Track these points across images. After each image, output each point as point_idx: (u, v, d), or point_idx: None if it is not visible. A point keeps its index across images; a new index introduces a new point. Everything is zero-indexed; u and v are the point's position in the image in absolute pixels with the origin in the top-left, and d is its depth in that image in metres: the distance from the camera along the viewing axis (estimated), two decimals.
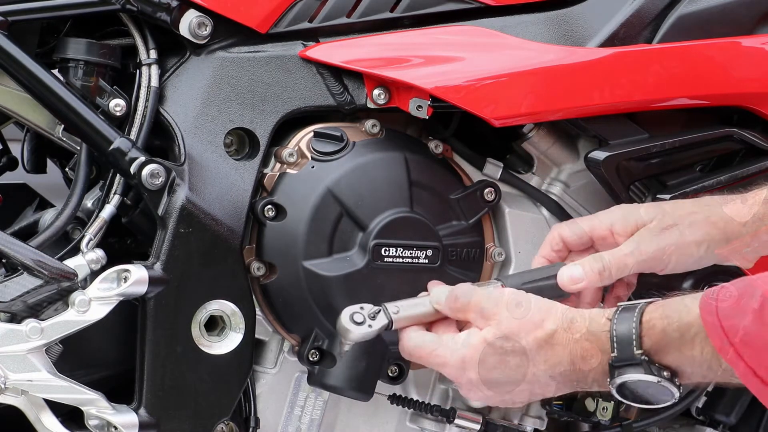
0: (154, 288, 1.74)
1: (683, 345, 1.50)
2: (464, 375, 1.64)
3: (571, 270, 1.73)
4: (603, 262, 1.72)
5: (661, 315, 1.53)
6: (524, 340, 1.60)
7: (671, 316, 1.52)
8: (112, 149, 1.75)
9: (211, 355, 1.80)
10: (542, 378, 1.60)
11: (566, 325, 1.59)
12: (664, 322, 1.52)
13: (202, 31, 1.80)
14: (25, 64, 1.73)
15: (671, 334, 1.51)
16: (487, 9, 1.90)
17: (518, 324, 1.61)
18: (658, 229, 1.72)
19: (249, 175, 1.81)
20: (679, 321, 1.51)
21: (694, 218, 1.72)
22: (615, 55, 1.87)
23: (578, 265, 1.73)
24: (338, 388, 1.83)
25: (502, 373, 1.62)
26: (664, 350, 1.52)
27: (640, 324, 1.53)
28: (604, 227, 1.77)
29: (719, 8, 1.91)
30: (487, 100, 1.84)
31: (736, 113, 1.96)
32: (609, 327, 1.55)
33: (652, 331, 1.52)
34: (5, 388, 1.69)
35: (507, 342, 1.61)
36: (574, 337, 1.58)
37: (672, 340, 1.51)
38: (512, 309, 1.62)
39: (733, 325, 1.44)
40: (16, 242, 1.70)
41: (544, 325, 1.60)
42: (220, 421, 1.82)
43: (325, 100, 1.85)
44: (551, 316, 1.61)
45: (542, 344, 1.59)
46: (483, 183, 1.92)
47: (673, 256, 1.71)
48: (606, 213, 1.80)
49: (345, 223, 1.82)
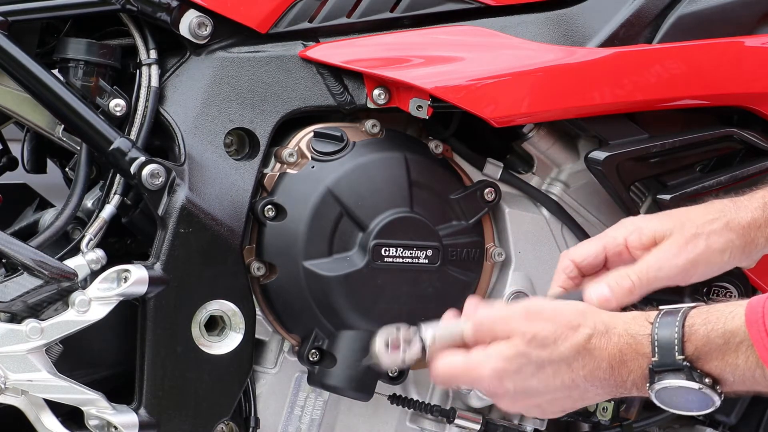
0: (154, 288, 1.74)
1: (727, 352, 1.46)
2: (502, 386, 1.58)
3: (598, 290, 1.65)
4: (632, 279, 1.65)
5: (704, 320, 1.48)
6: (561, 346, 1.54)
7: (715, 321, 1.47)
8: (112, 149, 1.75)
9: (211, 355, 1.80)
10: (581, 384, 1.54)
11: (603, 329, 1.53)
12: (707, 327, 1.47)
13: (202, 31, 1.80)
14: (25, 64, 1.73)
15: (715, 341, 1.46)
16: (487, 9, 1.89)
17: (553, 330, 1.54)
18: (683, 240, 1.66)
19: (249, 175, 1.81)
20: (724, 327, 1.46)
21: (715, 226, 1.67)
22: (615, 55, 1.87)
23: (603, 284, 1.65)
24: (338, 388, 1.83)
25: (540, 382, 1.56)
26: (706, 357, 1.47)
27: (683, 329, 1.48)
28: (618, 243, 1.70)
29: (719, 8, 1.91)
30: (487, 100, 1.84)
31: (736, 113, 1.96)
32: (650, 330, 1.50)
33: (694, 336, 1.47)
34: (5, 388, 1.69)
35: (543, 350, 1.54)
36: (612, 341, 1.52)
37: (715, 347, 1.46)
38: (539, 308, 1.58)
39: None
40: (16, 242, 1.70)
41: (580, 329, 1.54)
42: (220, 421, 1.82)
43: (325, 100, 1.85)
44: (587, 319, 1.55)
45: (580, 350, 1.53)
46: (483, 183, 1.92)
47: (700, 266, 1.66)
48: (616, 228, 1.73)
49: (345, 223, 1.82)
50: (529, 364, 1.55)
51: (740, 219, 1.67)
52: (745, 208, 1.68)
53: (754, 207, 1.68)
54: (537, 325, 1.55)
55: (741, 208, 1.68)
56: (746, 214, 1.67)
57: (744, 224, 1.67)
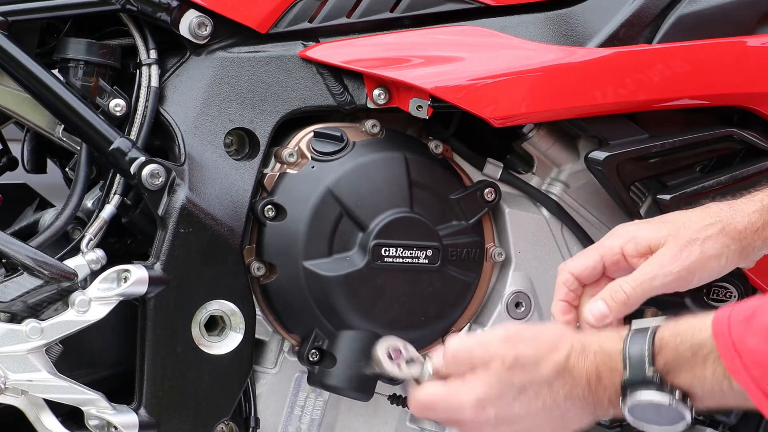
0: (154, 288, 1.74)
1: (695, 365, 1.46)
2: (484, 414, 1.56)
3: (594, 307, 1.66)
4: (625, 291, 1.66)
5: (673, 333, 1.49)
6: (543, 368, 1.54)
7: (683, 334, 1.47)
8: (112, 149, 1.75)
9: (211, 355, 1.80)
10: (561, 404, 1.54)
11: (579, 348, 1.54)
12: (676, 340, 1.48)
13: (202, 31, 1.80)
14: (25, 64, 1.73)
15: (683, 353, 1.47)
16: (487, 9, 1.89)
17: (534, 352, 1.55)
18: (677, 247, 1.66)
19: (249, 175, 1.81)
20: (692, 340, 1.47)
21: (710, 231, 1.67)
22: (615, 55, 1.87)
23: (599, 300, 1.67)
24: (338, 388, 1.83)
25: (522, 405, 1.55)
26: (676, 370, 1.48)
27: (653, 343, 1.49)
28: (615, 252, 1.70)
29: (719, 8, 1.91)
30: (487, 100, 1.84)
31: (736, 113, 1.96)
32: (622, 346, 1.51)
33: (664, 350, 1.48)
34: (5, 388, 1.69)
35: (525, 373, 1.54)
36: (589, 359, 1.53)
37: (684, 360, 1.47)
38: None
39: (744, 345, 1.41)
40: (16, 242, 1.70)
41: (559, 350, 1.54)
42: (220, 421, 1.82)
43: (325, 100, 1.85)
44: (565, 339, 1.55)
45: (560, 370, 1.53)
46: (483, 183, 1.92)
47: (696, 272, 1.66)
48: (611, 237, 1.73)
49: (345, 223, 1.82)
50: (511, 387, 1.55)
51: (737, 223, 1.67)
52: (742, 212, 1.68)
53: (751, 210, 1.68)
54: (518, 348, 1.55)
55: (738, 212, 1.68)
56: (743, 218, 1.67)
57: (740, 228, 1.67)
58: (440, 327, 1.91)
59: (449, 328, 1.92)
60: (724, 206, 1.70)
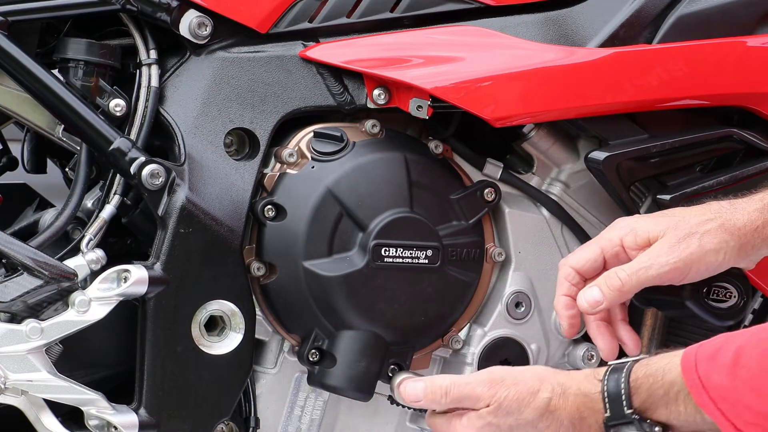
0: (154, 288, 1.74)
1: (669, 402, 1.53)
2: None
3: (588, 293, 1.71)
4: (620, 278, 1.69)
5: (645, 374, 1.55)
6: (525, 412, 1.63)
7: (655, 374, 1.54)
8: (112, 149, 1.75)
9: (211, 355, 1.80)
10: None
11: (560, 391, 1.62)
12: (649, 380, 1.54)
13: (202, 31, 1.80)
14: (25, 64, 1.73)
15: (656, 392, 1.53)
16: (487, 9, 1.89)
17: (516, 397, 1.63)
18: (675, 239, 1.69)
19: (249, 175, 1.81)
20: (663, 380, 1.53)
21: (709, 226, 1.70)
22: (615, 56, 1.87)
23: (594, 286, 1.71)
24: (338, 388, 1.83)
25: None
26: (652, 408, 1.54)
27: (629, 384, 1.55)
28: (615, 244, 1.74)
29: (719, 8, 1.91)
30: (487, 100, 1.84)
31: (736, 113, 1.96)
32: (600, 388, 1.58)
33: (639, 390, 1.55)
34: (5, 388, 1.69)
35: (509, 417, 1.63)
36: (570, 401, 1.60)
37: (658, 398, 1.53)
38: None
39: (710, 381, 1.47)
40: (16, 242, 1.70)
41: (540, 394, 1.62)
42: (220, 421, 1.82)
43: (325, 100, 1.85)
44: (545, 383, 1.63)
45: (543, 413, 1.62)
46: (483, 183, 1.92)
47: (693, 265, 1.69)
48: (611, 230, 1.77)
49: (345, 223, 1.82)
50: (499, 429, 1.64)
51: (736, 220, 1.69)
52: (742, 210, 1.69)
53: (751, 209, 1.69)
54: (500, 393, 1.64)
55: (738, 210, 1.69)
56: (743, 215, 1.69)
57: (740, 225, 1.68)
58: (440, 327, 1.91)
59: (449, 328, 1.92)
60: (724, 203, 1.72)
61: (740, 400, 1.43)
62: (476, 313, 1.95)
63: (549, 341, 1.97)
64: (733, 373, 1.43)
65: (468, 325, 1.94)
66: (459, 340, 1.93)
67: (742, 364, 1.43)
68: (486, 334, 1.93)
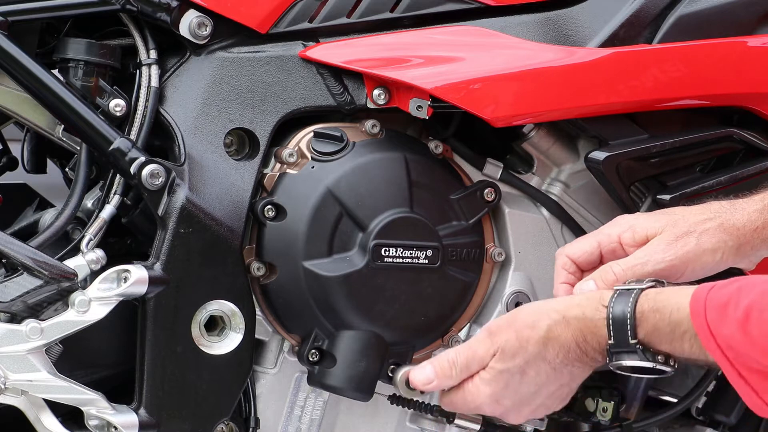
0: (154, 288, 1.74)
1: (674, 339, 1.54)
2: (501, 406, 1.70)
3: (585, 286, 1.72)
4: (615, 273, 1.70)
5: (652, 308, 1.56)
6: (529, 347, 1.64)
7: (662, 310, 1.55)
8: (112, 149, 1.75)
9: (211, 355, 1.80)
10: (564, 370, 1.65)
11: (558, 317, 1.63)
12: (656, 316, 1.55)
13: (202, 31, 1.80)
14: (25, 64, 1.73)
15: (663, 329, 1.54)
16: (487, 9, 1.89)
17: (515, 337, 1.65)
18: (673, 237, 1.71)
19: (249, 175, 1.81)
20: (670, 318, 1.54)
21: (708, 225, 1.71)
22: (615, 56, 1.87)
23: (590, 279, 1.73)
24: (338, 388, 1.83)
25: (530, 386, 1.67)
26: (656, 341, 1.56)
27: (635, 314, 1.56)
28: (612, 240, 1.76)
29: (719, 8, 1.91)
30: (487, 100, 1.84)
31: (736, 113, 1.96)
32: (605, 314, 1.59)
33: (645, 323, 1.56)
34: (5, 388, 1.69)
35: (515, 358, 1.65)
36: (572, 325, 1.61)
37: (663, 335, 1.55)
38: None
39: (720, 331, 1.47)
40: (16, 242, 1.70)
41: (538, 325, 1.64)
42: (220, 421, 1.82)
43: (325, 100, 1.85)
44: (541, 314, 1.65)
45: (545, 342, 1.63)
46: (483, 183, 1.92)
47: (689, 264, 1.70)
48: (611, 225, 1.78)
49: (345, 223, 1.82)
50: (511, 376, 1.66)
51: (735, 221, 1.69)
52: (741, 210, 1.70)
53: (751, 210, 1.70)
54: (500, 339, 1.66)
55: (738, 210, 1.70)
56: (742, 216, 1.69)
57: (739, 226, 1.69)
58: (440, 327, 1.91)
59: (449, 328, 1.92)
60: (725, 203, 1.73)
61: (748, 353, 1.44)
62: (476, 313, 1.95)
63: None
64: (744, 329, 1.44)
65: (468, 325, 1.94)
66: (459, 340, 1.93)
67: (752, 322, 1.44)
68: None
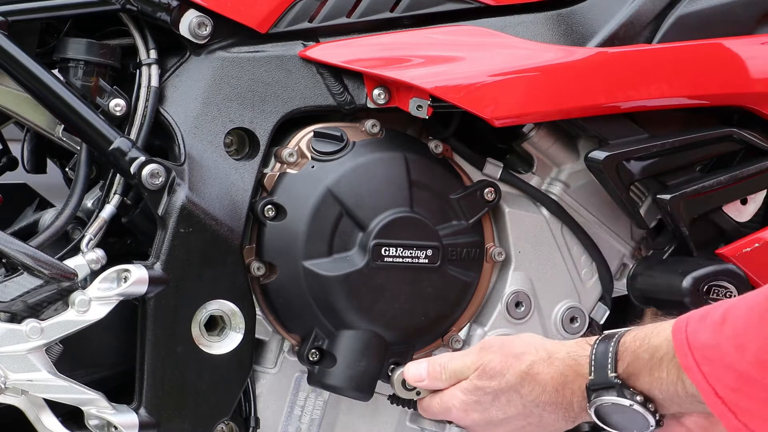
0: (154, 288, 1.74)
1: (653, 367, 1.50)
2: (469, 418, 1.70)
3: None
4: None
5: (633, 336, 1.54)
6: (508, 375, 1.64)
7: (643, 338, 1.52)
8: (112, 149, 1.75)
9: (211, 355, 1.80)
10: (534, 410, 1.63)
11: (545, 355, 1.62)
12: (636, 343, 1.53)
13: (202, 31, 1.80)
14: (25, 64, 1.73)
15: (642, 356, 1.51)
16: (487, 9, 1.90)
17: (500, 361, 1.65)
18: None
19: (249, 175, 1.81)
20: (649, 342, 1.51)
21: None
22: (615, 55, 1.87)
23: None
24: (338, 388, 1.83)
25: (499, 411, 1.66)
26: (637, 374, 1.52)
27: (618, 347, 1.54)
28: None
29: (719, 8, 1.91)
30: (487, 100, 1.84)
31: (736, 113, 1.97)
32: (589, 352, 1.57)
33: (626, 353, 1.53)
34: (5, 388, 1.69)
35: (493, 380, 1.65)
36: (554, 365, 1.60)
37: (643, 362, 1.51)
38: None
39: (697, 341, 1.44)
40: (16, 242, 1.70)
41: (523, 357, 1.64)
42: (220, 421, 1.82)
43: (325, 100, 1.85)
44: (530, 348, 1.64)
45: (524, 376, 1.63)
46: (483, 183, 1.92)
47: None
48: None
49: (345, 223, 1.82)
50: (485, 395, 1.66)
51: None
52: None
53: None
54: (486, 357, 1.67)
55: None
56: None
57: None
58: (440, 327, 1.91)
59: (449, 328, 1.92)
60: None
61: (722, 359, 1.40)
62: (476, 313, 1.95)
63: None
64: (719, 330, 1.41)
65: (468, 324, 1.94)
66: (459, 340, 1.93)
67: (728, 321, 1.41)
68: (486, 334, 1.94)
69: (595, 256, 1.99)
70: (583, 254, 1.99)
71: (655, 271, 1.98)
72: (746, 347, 1.38)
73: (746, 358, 1.38)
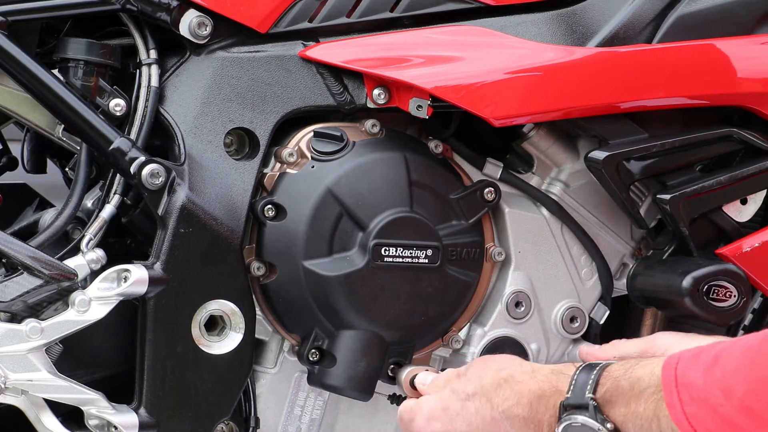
0: (154, 288, 1.74)
1: (631, 398, 1.47)
2: (429, 427, 1.66)
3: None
4: None
5: (619, 367, 1.52)
6: (485, 380, 1.60)
7: (628, 368, 1.50)
8: (112, 149, 1.75)
9: (211, 355, 1.80)
10: (502, 423, 1.58)
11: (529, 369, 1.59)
12: (619, 371, 1.50)
13: (202, 31, 1.80)
14: (25, 64, 1.73)
15: (622, 385, 1.48)
16: (487, 9, 1.90)
17: (480, 369, 1.62)
18: None
19: (249, 174, 1.81)
20: (632, 373, 1.48)
21: None
22: (615, 55, 1.87)
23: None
24: (338, 388, 1.83)
25: (463, 421, 1.61)
26: (613, 402, 1.49)
27: (601, 372, 1.52)
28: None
29: (719, 8, 1.91)
30: (487, 100, 1.84)
31: (736, 113, 1.97)
32: (573, 372, 1.54)
33: (607, 380, 1.50)
34: (5, 388, 1.69)
35: (468, 384, 1.62)
36: (536, 379, 1.57)
37: (622, 392, 1.48)
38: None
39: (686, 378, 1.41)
40: (16, 242, 1.70)
41: (506, 367, 1.60)
42: (220, 421, 1.82)
43: (325, 100, 1.85)
44: (515, 363, 1.62)
45: (502, 383, 1.59)
46: (483, 183, 1.92)
47: None
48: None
49: (345, 222, 1.82)
50: (456, 400, 1.62)
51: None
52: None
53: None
54: (471, 366, 1.65)
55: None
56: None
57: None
58: (440, 327, 1.91)
59: (449, 328, 1.92)
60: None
61: (708, 401, 1.37)
62: (476, 313, 1.95)
63: (549, 341, 1.97)
64: (710, 371, 1.39)
65: (468, 324, 1.94)
66: (459, 340, 1.93)
67: (720, 363, 1.38)
68: (486, 334, 1.94)
69: (595, 256, 1.99)
70: (583, 254, 1.99)
71: (655, 271, 1.98)
72: (733, 391, 1.35)
73: (732, 402, 1.35)
